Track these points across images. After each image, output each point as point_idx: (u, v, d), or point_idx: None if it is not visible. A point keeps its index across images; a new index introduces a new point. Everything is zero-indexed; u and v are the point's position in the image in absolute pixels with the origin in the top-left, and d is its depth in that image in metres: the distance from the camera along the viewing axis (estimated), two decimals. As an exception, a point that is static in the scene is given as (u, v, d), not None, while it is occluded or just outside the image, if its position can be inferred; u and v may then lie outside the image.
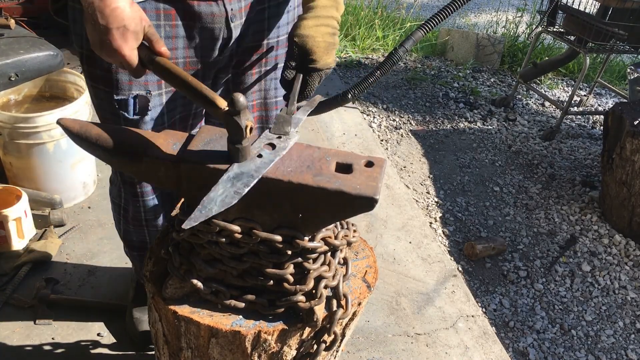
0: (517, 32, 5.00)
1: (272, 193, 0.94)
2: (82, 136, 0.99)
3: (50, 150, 2.15)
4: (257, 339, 1.03)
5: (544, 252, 2.77)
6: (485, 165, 3.40)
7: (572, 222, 2.99)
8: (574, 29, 3.57)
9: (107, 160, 1.04)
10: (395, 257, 2.36)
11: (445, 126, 3.78)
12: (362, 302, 1.11)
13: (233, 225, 0.98)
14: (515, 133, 3.79)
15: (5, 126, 2.07)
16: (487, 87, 4.41)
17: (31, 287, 1.93)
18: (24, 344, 1.74)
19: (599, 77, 4.19)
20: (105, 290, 1.96)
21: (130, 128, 1.05)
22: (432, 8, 6.15)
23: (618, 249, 2.81)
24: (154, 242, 1.19)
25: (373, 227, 2.51)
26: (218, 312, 1.05)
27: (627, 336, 2.38)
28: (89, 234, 2.20)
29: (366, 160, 0.98)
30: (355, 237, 1.13)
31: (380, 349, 1.92)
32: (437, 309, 2.13)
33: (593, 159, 3.56)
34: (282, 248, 0.98)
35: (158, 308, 1.10)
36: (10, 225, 2.01)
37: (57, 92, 2.36)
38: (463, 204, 3.04)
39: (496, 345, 2.03)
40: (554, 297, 2.52)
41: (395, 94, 4.11)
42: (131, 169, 1.01)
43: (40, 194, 2.22)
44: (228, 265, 1.02)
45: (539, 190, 3.21)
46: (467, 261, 2.66)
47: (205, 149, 0.98)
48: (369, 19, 4.86)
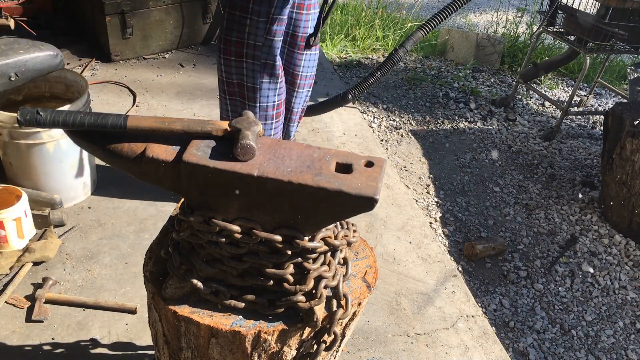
0: (517, 32, 5.00)
1: (272, 193, 0.94)
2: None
3: (50, 150, 2.15)
4: (257, 339, 1.03)
5: (544, 252, 2.77)
6: (485, 165, 3.40)
7: (572, 222, 2.99)
8: (574, 29, 3.57)
9: (107, 160, 1.04)
10: (395, 257, 2.36)
11: (445, 126, 3.78)
12: (362, 302, 1.11)
13: (233, 225, 0.98)
14: (515, 133, 3.79)
15: (5, 126, 2.07)
16: (487, 87, 4.41)
17: (31, 287, 1.93)
18: (24, 344, 1.74)
19: (599, 77, 4.19)
20: (105, 290, 1.96)
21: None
22: (433, 8, 6.15)
23: (618, 249, 2.81)
24: (154, 242, 1.19)
25: (373, 227, 2.51)
26: (218, 312, 1.05)
27: (627, 336, 2.38)
28: (89, 234, 2.20)
29: (366, 160, 0.98)
30: (355, 237, 1.13)
31: (380, 349, 1.92)
32: (437, 309, 2.13)
33: (593, 159, 3.56)
34: (282, 248, 0.98)
35: (158, 308, 1.10)
36: (10, 225, 2.01)
37: (57, 92, 2.36)
38: (463, 204, 3.04)
39: (496, 346, 2.03)
40: (554, 297, 2.52)
41: (395, 94, 4.11)
42: (131, 169, 1.01)
43: (40, 194, 2.22)
44: (228, 265, 1.02)
45: (539, 190, 3.21)
46: (467, 261, 2.66)
47: (205, 149, 0.98)
48: (369, 19, 4.86)
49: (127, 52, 3.55)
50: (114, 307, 1.89)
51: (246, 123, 0.99)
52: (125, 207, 2.35)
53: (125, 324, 1.84)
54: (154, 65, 3.60)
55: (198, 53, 3.82)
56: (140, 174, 1.02)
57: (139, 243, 2.17)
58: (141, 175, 1.02)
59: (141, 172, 1.01)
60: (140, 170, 1.00)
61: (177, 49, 3.80)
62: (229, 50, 1.90)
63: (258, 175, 0.93)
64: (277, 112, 2.06)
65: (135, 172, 1.02)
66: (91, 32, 3.63)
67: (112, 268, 2.06)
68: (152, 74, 3.48)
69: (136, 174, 1.03)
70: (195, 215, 0.99)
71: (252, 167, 0.94)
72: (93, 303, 1.89)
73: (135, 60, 3.61)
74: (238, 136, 0.95)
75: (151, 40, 3.62)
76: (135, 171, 1.01)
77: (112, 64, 3.52)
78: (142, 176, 1.02)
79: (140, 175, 1.02)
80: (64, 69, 2.26)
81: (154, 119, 0.99)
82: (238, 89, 1.98)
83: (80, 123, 0.99)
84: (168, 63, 3.65)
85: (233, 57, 1.91)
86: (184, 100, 3.24)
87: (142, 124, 0.98)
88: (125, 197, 2.39)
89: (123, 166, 1.03)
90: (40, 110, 0.99)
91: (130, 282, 2.00)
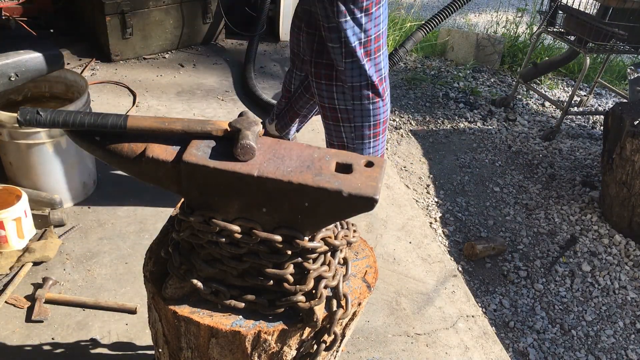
0: (517, 32, 5.00)
1: (272, 193, 0.94)
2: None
3: (50, 150, 2.15)
4: (257, 339, 1.03)
5: (544, 252, 2.77)
6: (485, 165, 3.40)
7: (572, 222, 2.99)
8: (574, 29, 3.57)
9: (107, 160, 1.04)
10: (395, 257, 2.35)
11: (445, 126, 3.78)
12: (362, 302, 1.11)
13: (233, 225, 0.98)
14: (515, 133, 3.79)
15: (5, 126, 2.07)
16: (487, 87, 4.41)
17: (31, 287, 1.93)
18: (24, 344, 1.74)
19: (599, 77, 4.19)
20: (105, 290, 1.96)
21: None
22: (433, 8, 6.15)
23: (618, 249, 2.81)
24: (154, 242, 1.20)
25: (373, 227, 2.51)
26: (218, 312, 1.05)
27: (627, 336, 2.38)
28: (89, 234, 2.20)
29: (366, 160, 0.98)
30: (355, 237, 1.13)
31: (380, 349, 1.91)
32: (437, 309, 2.13)
33: (593, 159, 3.56)
34: (282, 248, 0.98)
35: (158, 308, 1.10)
36: (10, 225, 2.01)
37: (57, 92, 2.35)
38: (463, 204, 3.04)
39: (496, 346, 2.03)
40: (554, 297, 2.52)
41: (395, 94, 4.11)
42: (131, 169, 1.01)
43: (40, 194, 2.22)
44: (228, 265, 1.02)
45: (539, 190, 3.21)
46: (467, 261, 2.66)
47: (205, 149, 0.98)
48: (369, 19, 4.85)
49: (127, 52, 3.55)
50: (114, 307, 1.89)
51: (246, 123, 0.99)
52: (125, 207, 2.35)
53: (125, 324, 1.84)
54: (154, 65, 3.60)
55: (198, 53, 3.82)
56: (140, 174, 1.02)
57: (139, 243, 2.17)
58: (141, 175, 1.02)
59: (141, 172, 1.01)
60: (140, 170, 1.00)
61: (177, 49, 3.80)
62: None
63: (258, 175, 0.93)
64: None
65: (135, 172, 1.02)
66: (91, 32, 3.63)
67: (112, 268, 2.06)
68: (152, 74, 3.48)
69: (136, 174, 1.03)
70: (195, 215, 0.99)
71: (252, 167, 0.94)
72: (93, 303, 1.89)
73: (135, 60, 3.61)
74: (238, 136, 0.95)
75: (151, 40, 3.62)
76: (135, 171, 1.01)
77: (112, 64, 3.52)
78: (142, 176, 1.02)
79: (140, 175, 1.02)
80: (64, 69, 2.26)
81: (154, 119, 0.99)
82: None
83: (80, 123, 0.99)
84: (168, 63, 3.65)
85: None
86: (184, 100, 3.24)
87: (142, 124, 0.98)
88: (125, 197, 2.39)
89: (123, 166, 1.03)
90: (40, 110, 0.99)
91: (130, 282, 2.00)
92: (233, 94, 3.39)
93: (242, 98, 3.36)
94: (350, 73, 1.89)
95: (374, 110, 1.99)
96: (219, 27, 3.95)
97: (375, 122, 2.02)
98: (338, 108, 1.99)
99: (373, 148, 2.09)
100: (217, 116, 3.14)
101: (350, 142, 2.05)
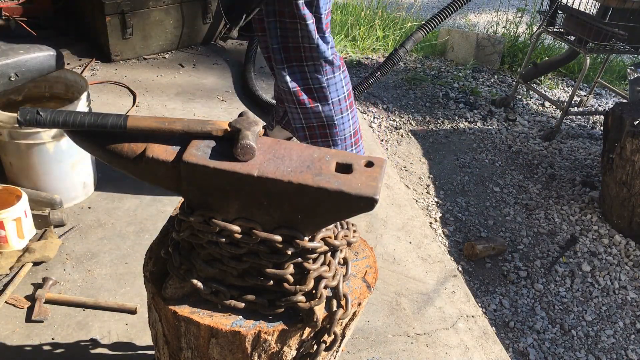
0: (517, 32, 5.00)
1: (272, 193, 0.94)
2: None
3: (50, 150, 2.15)
4: (257, 339, 1.03)
5: (544, 252, 2.77)
6: (485, 165, 3.40)
7: (572, 222, 2.99)
8: (574, 29, 3.57)
9: (107, 160, 1.04)
10: (395, 257, 2.35)
11: (445, 126, 3.79)
12: (362, 302, 1.11)
13: (233, 225, 0.97)
14: (515, 133, 3.79)
15: (5, 126, 2.07)
16: (487, 87, 4.41)
17: (31, 287, 1.93)
18: (24, 344, 1.74)
19: (599, 77, 4.19)
20: (105, 290, 1.96)
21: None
22: (433, 8, 6.15)
23: (618, 249, 2.81)
24: (154, 242, 1.19)
25: (373, 227, 2.51)
26: (218, 312, 1.05)
27: (627, 336, 2.38)
28: (89, 234, 2.20)
29: (366, 160, 0.98)
30: (355, 237, 1.13)
31: (380, 349, 1.91)
32: (437, 309, 2.13)
33: (593, 159, 3.56)
34: (282, 248, 0.98)
35: (158, 308, 1.10)
36: (10, 225, 2.01)
37: (57, 92, 2.35)
38: (463, 204, 3.04)
39: (496, 346, 2.03)
40: (554, 297, 2.52)
41: (395, 94, 4.11)
42: (131, 169, 1.01)
43: (40, 194, 2.22)
44: (228, 265, 1.02)
45: (539, 191, 3.21)
46: (467, 261, 2.66)
47: (205, 149, 0.98)
48: (369, 19, 4.86)
49: (127, 52, 3.55)
50: (114, 307, 1.89)
51: (246, 123, 0.99)
52: (125, 207, 2.35)
53: (125, 324, 1.84)
54: (154, 65, 3.60)
55: (198, 53, 3.82)
56: (140, 174, 1.02)
57: (139, 243, 2.17)
58: (141, 175, 1.02)
59: (141, 172, 1.01)
60: (140, 170, 1.00)
61: (177, 49, 3.80)
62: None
63: (258, 176, 0.93)
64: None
65: (135, 172, 1.02)
66: (91, 32, 3.63)
67: (112, 268, 2.06)
68: (152, 74, 3.48)
69: (136, 174, 1.03)
70: (195, 215, 0.99)
71: (252, 167, 0.94)
72: (93, 303, 1.89)
73: (135, 60, 3.61)
74: (238, 136, 0.95)
75: (151, 40, 3.62)
76: (135, 171, 1.01)
77: (112, 64, 3.52)
78: (142, 176, 1.02)
79: (140, 175, 1.02)
80: (64, 69, 2.26)
81: (154, 119, 0.99)
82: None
83: (80, 123, 0.99)
84: (168, 63, 3.65)
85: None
86: (184, 100, 3.24)
87: (142, 124, 0.98)
88: (125, 197, 2.39)
89: (123, 166, 1.03)
90: (40, 110, 0.99)
91: (130, 282, 2.00)
92: (233, 94, 3.39)
93: (242, 98, 3.36)
94: (324, 47, 1.98)
95: (345, 79, 2.10)
96: (219, 27, 3.95)
97: (347, 92, 2.12)
98: (313, 87, 2.04)
99: (352, 119, 2.18)
100: (217, 116, 3.14)
101: (330, 120, 2.13)
